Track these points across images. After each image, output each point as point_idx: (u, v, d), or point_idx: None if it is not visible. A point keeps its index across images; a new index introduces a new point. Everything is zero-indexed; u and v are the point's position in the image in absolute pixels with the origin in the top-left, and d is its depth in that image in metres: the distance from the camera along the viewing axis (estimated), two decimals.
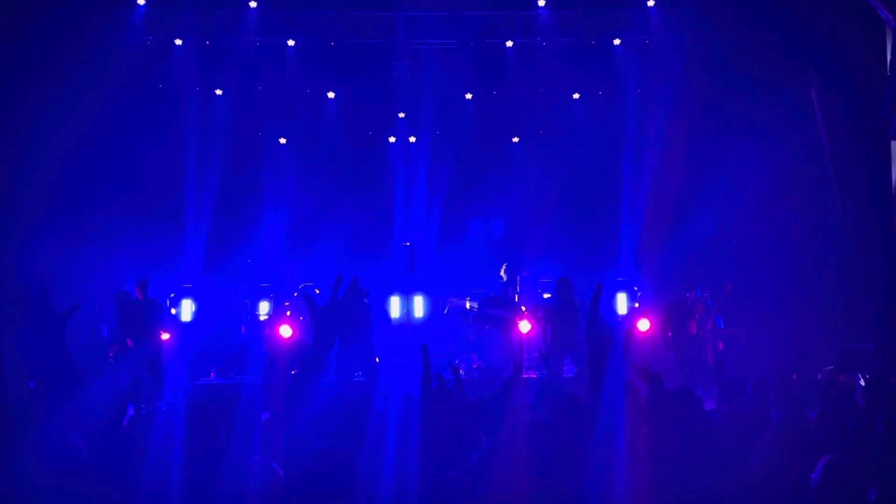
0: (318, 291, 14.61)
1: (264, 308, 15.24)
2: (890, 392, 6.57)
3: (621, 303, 14.41)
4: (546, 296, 14.56)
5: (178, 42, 15.02)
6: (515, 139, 17.91)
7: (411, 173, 15.95)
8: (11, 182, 13.16)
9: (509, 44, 15.52)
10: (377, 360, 12.20)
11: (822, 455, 3.90)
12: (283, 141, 17.52)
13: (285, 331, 13.28)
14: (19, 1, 12.11)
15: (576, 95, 16.96)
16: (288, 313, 14.12)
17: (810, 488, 3.84)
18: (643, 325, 13.41)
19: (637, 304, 14.57)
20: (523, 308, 14.18)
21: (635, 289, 14.89)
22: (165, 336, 12.99)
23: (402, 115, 16.87)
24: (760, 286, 14.77)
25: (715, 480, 4.02)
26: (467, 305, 14.87)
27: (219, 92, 16.07)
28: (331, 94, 16.87)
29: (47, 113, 13.07)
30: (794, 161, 14.33)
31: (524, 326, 13.58)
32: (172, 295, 14.42)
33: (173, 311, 14.15)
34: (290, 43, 15.27)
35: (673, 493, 3.83)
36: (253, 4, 14.64)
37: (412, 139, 17.14)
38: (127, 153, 15.34)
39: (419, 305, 14.47)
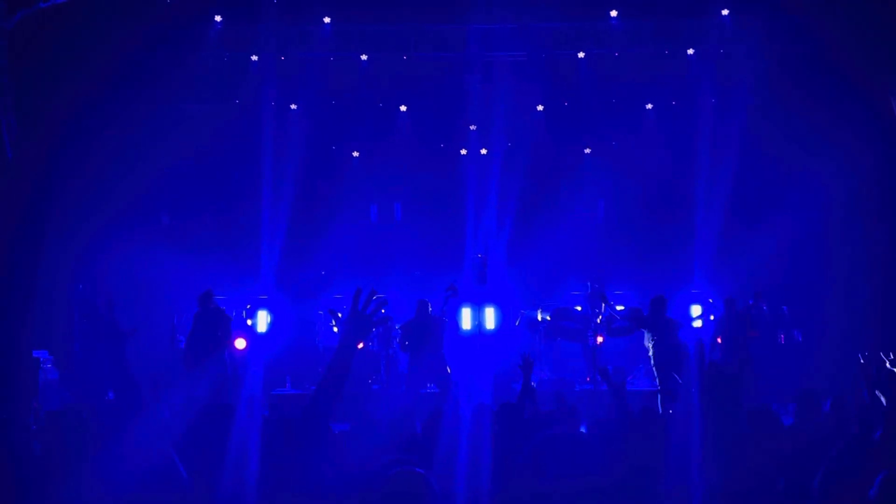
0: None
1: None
2: None
3: (696, 315, 14.22)
4: (619, 307, 14.36)
5: (255, 58, 15.33)
6: (587, 150, 17.82)
7: (483, 185, 15.95)
8: (101, 196, 13.63)
9: (581, 55, 15.47)
10: (448, 370, 12.22)
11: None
12: (355, 154, 17.73)
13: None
14: (99, 25, 12.47)
15: (648, 106, 16.85)
16: None
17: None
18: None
19: (712, 317, 14.32)
20: (599, 319, 14.04)
21: (710, 301, 14.66)
22: (240, 345, 13.11)
23: (473, 127, 16.93)
24: (838, 297, 14.44)
25: (781, 494, 3.98)
26: (538, 317, 14.79)
27: (293, 106, 16.35)
28: (403, 108, 17.03)
29: (131, 132, 13.53)
30: (874, 171, 13.99)
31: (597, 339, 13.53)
32: (248, 306, 14.65)
33: (249, 322, 14.35)
34: (363, 57, 15.46)
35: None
36: (327, 20, 14.87)
37: (484, 151, 17.15)
38: (209, 168, 15.76)
39: (490, 317, 14.44)
